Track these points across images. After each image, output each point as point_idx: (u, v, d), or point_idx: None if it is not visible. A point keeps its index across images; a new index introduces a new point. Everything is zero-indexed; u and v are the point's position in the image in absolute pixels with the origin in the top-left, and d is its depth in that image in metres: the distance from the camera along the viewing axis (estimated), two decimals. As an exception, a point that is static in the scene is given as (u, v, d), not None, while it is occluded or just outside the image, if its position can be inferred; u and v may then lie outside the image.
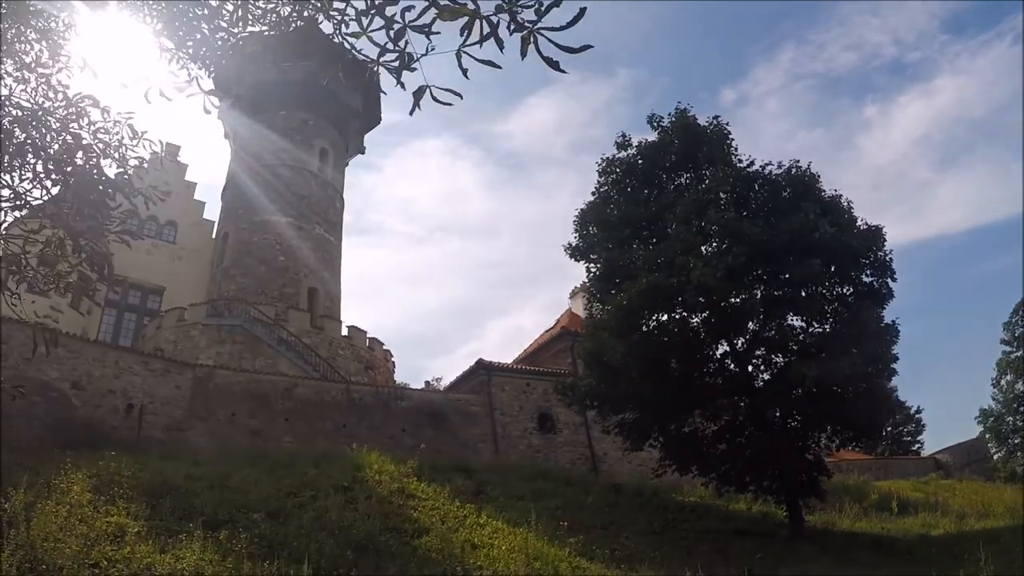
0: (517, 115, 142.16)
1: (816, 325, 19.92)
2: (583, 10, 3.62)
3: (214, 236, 42.25)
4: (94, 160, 8.90)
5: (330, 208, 43.06)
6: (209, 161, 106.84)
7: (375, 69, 4.79)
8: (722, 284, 17.75)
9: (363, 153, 48.97)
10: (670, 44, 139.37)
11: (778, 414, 19.73)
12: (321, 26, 6.89)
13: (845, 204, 20.46)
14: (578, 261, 21.92)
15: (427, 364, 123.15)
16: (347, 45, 5.27)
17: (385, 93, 42.88)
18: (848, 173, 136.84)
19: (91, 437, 20.34)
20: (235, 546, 13.07)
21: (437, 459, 22.90)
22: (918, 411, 61.15)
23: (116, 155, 9.30)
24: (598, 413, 22.30)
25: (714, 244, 18.98)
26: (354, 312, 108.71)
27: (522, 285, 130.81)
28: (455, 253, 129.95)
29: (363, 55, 5.06)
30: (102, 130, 9.13)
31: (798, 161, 20.61)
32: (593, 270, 21.38)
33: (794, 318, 19.86)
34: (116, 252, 27.49)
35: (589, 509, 19.55)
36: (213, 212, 43.72)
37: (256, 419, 26.17)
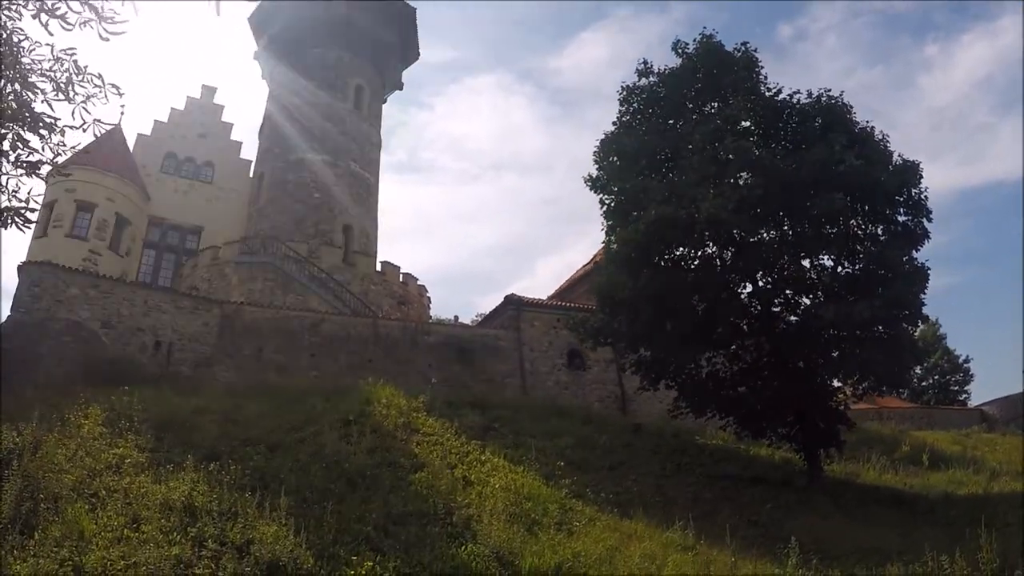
0: (570, 51, 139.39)
1: (847, 265, 18.98)
2: None
3: (251, 175, 42.44)
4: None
5: (366, 145, 42.82)
6: (248, 102, 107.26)
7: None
8: (734, 217, 16.92)
9: (401, 90, 48.55)
10: None
11: (800, 359, 18.85)
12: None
13: (879, 136, 19.22)
14: (597, 194, 21.21)
15: (478, 301, 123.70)
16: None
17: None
18: (907, 113, 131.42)
19: (120, 374, 20.66)
20: (225, 478, 13.23)
21: (453, 395, 22.81)
22: (966, 360, 58.85)
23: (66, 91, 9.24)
24: (614, 350, 21.85)
25: (731, 176, 18.05)
26: (407, 250, 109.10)
27: (574, 222, 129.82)
28: (508, 190, 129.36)
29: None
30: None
31: (829, 89, 19.37)
32: (607, 202, 20.66)
33: (823, 257, 18.97)
34: (154, 193, 27.91)
35: (600, 449, 19.23)
36: (251, 152, 43.91)
37: (282, 355, 26.42)
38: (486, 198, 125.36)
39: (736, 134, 18.16)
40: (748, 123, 18.98)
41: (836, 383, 19.81)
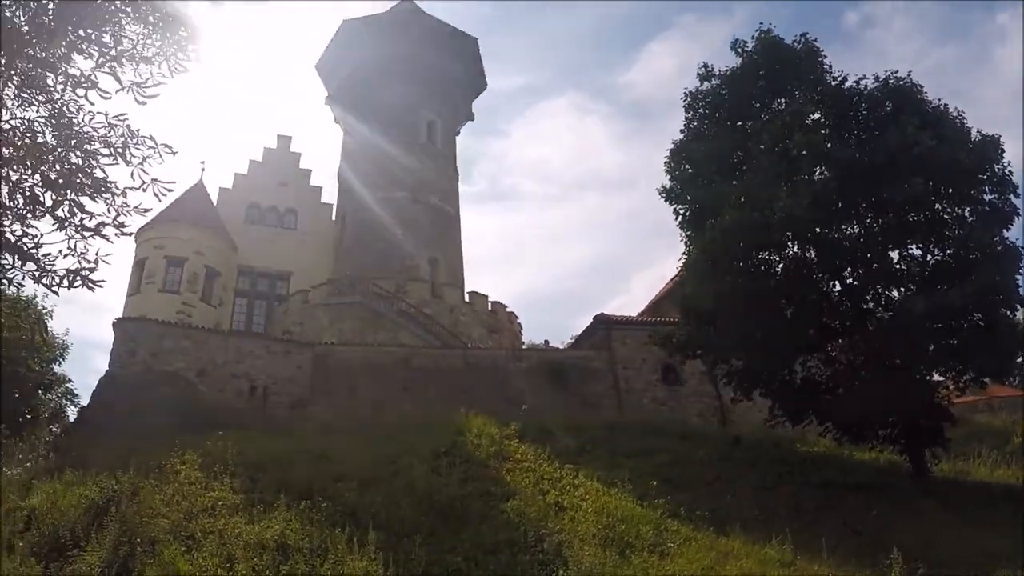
0: (639, 64, 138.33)
1: (936, 252, 17.97)
2: None
3: (333, 218, 43.54)
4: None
5: (443, 178, 43.44)
6: (325, 146, 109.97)
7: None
8: (810, 214, 16.26)
9: (472, 120, 49.06)
10: None
11: (896, 356, 17.84)
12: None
13: (954, 114, 18.18)
14: (671, 204, 20.76)
15: (573, 322, 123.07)
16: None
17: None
18: (986, 88, 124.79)
19: (217, 420, 21.33)
20: (316, 515, 13.40)
21: (547, 419, 22.57)
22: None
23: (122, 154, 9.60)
24: (703, 362, 21.25)
25: (804, 172, 17.34)
26: (497, 278, 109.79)
27: (663, 234, 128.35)
28: (592, 209, 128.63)
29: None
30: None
31: (896, 71, 18.49)
32: (681, 212, 20.17)
33: (910, 246, 18.01)
34: (241, 244, 29.18)
35: (698, 464, 18.65)
36: (331, 195, 45.14)
37: (375, 391, 26.73)
38: (571, 219, 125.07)
39: (805, 128, 17.49)
40: (817, 115, 18.23)
41: (936, 377, 18.67)
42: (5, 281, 9.35)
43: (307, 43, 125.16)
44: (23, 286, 10.19)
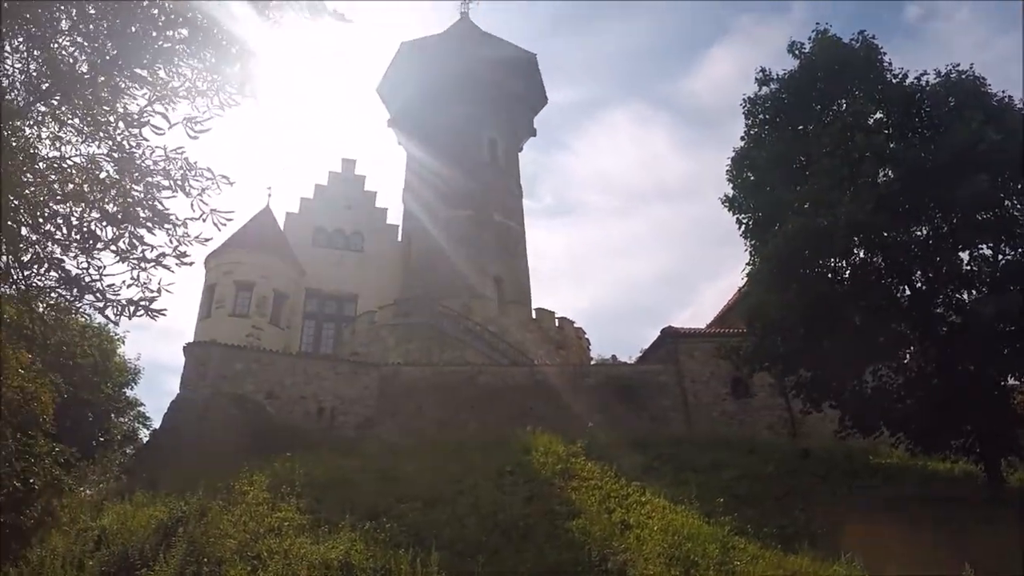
0: (700, 70, 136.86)
1: (1007, 251, 17.21)
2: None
3: (399, 239, 44.11)
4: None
5: (506, 195, 43.68)
6: (389, 167, 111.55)
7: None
8: (875, 218, 15.72)
9: (534, 136, 49.10)
10: None
11: (969, 362, 17.10)
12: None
13: (1020, 106, 17.36)
14: (734, 214, 20.38)
15: (643, 334, 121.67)
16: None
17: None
18: None
19: (286, 441, 21.67)
20: (381, 535, 13.50)
21: (615, 435, 22.35)
22: None
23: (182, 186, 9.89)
24: (770, 374, 20.76)
25: (868, 175, 16.79)
26: (564, 292, 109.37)
27: (730, 243, 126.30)
28: (659, 219, 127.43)
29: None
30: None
31: (957, 64, 17.82)
32: (744, 221, 19.78)
33: (980, 246, 17.31)
34: (308, 266, 30.09)
35: (766, 479, 18.20)
36: (396, 217, 45.80)
37: (441, 410, 26.93)
38: (638, 230, 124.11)
39: (866, 129, 16.96)
40: (879, 115, 17.71)
41: (1011, 382, 17.86)
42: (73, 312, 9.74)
43: (370, 66, 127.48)
44: (91, 316, 10.62)
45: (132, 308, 9.32)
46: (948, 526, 14.29)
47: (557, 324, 37.44)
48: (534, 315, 37.50)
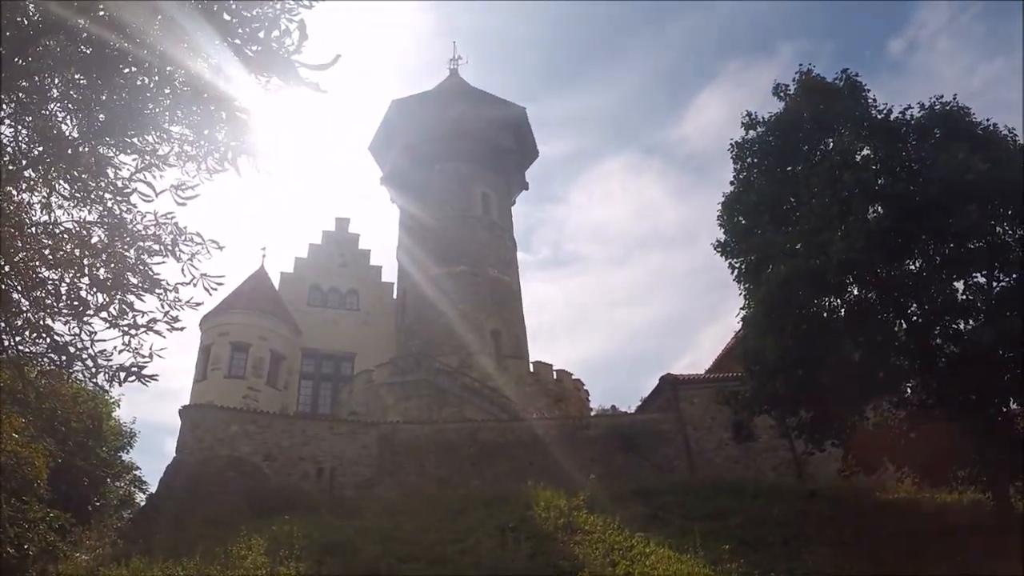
0: (689, 117, 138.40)
1: (1002, 278, 17.25)
2: None
3: (395, 296, 44.11)
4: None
5: (501, 249, 43.77)
6: (382, 224, 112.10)
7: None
8: (866, 257, 15.80)
9: (527, 189, 49.36)
10: (827, 2, 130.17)
11: (970, 391, 17.05)
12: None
13: (1005, 133, 17.62)
14: (727, 259, 20.44)
15: (643, 383, 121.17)
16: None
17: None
18: None
19: (284, 503, 21.44)
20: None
21: (617, 486, 22.12)
22: None
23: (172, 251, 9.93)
24: (771, 417, 20.62)
25: (857, 212, 16.87)
26: (565, 344, 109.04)
27: (728, 286, 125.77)
28: (656, 267, 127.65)
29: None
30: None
31: (941, 96, 18.09)
32: (737, 265, 19.83)
33: (975, 275, 17.36)
34: (305, 326, 30.08)
35: (773, 523, 17.97)
36: (391, 274, 45.91)
37: (443, 468, 26.67)
38: (636, 279, 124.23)
39: (853, 167, 17.10)
40: (866, 151, 17.87)
41: (1013, 407, 17.77)
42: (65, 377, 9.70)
43: (361, 124, 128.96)
44: (83, 381, 10.58)
45: (123, 374, 9.29)
46: (960, 556, 14.11)
47: (555, 377, 37.25)
48: (532, 369, 37.38)
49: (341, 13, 48.49)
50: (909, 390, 18.53)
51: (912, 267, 17.58)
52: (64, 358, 9.28)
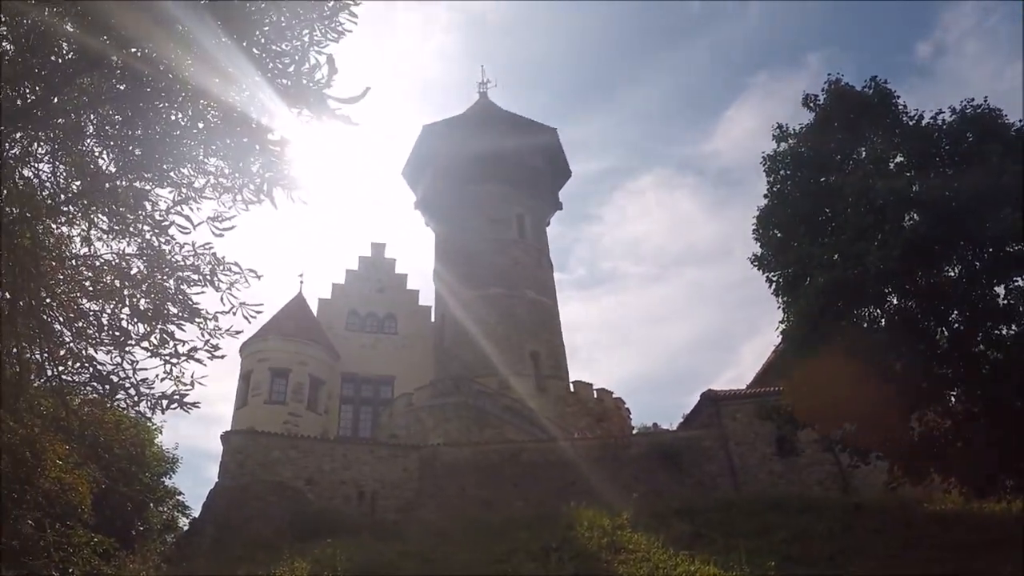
0: (720, 131, 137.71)
1: None
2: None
3: (432, 320, 44.43)
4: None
5: (537, 270, 43.91)
6: (418, 248, 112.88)
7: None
8: (903, 265, 15.61)
9: (561, 209, 49.54)
10: (852, 9, 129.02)
11: (1016, 398, 16.63)
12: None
13: None
14: (764, 273, 20.27)
15: (686, 401, 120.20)
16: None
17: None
18: None
19: (326, 527, 21.65)
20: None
21: (660, 504, 21.94)
22: None
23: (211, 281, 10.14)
24: (814, 430, 20.33)
25: (892, 221, 16.65)
26: (604, 363, 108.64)
27: (766, 299, 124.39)
28: (694, 283, 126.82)
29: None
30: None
31: (972, 99, 17.77)
32: (774, 279, 19.65)
33: (1016, 279, 16.98)
34: (342, 351, 30.45)
35: (818, 538, 17.67)
36: (428, 297, 46.34)
37: (485, 489, 26.66)
38: (673, 295, 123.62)
39: (887, 175, 16.91)
40: (899, 158, 17.68)
41: None
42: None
43: (392, 149, 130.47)
44: (125, 409, 10.83)
45: (165, 402, 9.49)
46: (1010, 568, 13.77)
47: (596, 396, 37.22)
48: (572, 388, 37.36)
49: (368, 40, 49.26)
50: (954, 399, 18.16)
51: (951, 273, 17.32)
52: (107, 387, 9.53)
